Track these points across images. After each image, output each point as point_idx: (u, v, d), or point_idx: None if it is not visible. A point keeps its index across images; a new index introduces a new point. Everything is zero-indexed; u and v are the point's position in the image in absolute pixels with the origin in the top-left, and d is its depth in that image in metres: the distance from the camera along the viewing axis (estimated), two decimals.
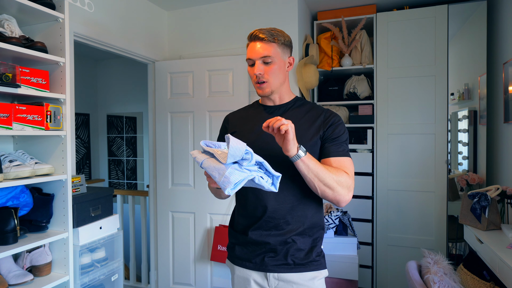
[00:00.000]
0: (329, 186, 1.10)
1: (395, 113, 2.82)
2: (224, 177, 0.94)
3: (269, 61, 1.22)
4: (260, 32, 1.22)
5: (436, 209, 2.71)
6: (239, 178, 0.94)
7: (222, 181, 0.95)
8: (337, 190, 1.11)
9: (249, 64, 1.26)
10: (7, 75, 1.40)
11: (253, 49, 1.23)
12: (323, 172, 1.09)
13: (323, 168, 1.10)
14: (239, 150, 0.93)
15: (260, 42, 1.22)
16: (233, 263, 1.30)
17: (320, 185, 1.10)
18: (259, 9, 2.77)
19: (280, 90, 1.29)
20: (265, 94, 1.27)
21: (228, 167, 0.95)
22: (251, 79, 1.29)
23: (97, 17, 2.34)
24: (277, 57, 1.24)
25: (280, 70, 1.26)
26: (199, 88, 2.78)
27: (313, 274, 1.21)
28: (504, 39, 2.46)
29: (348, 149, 1.25)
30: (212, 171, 0.98)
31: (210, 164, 1.00)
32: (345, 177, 1.13)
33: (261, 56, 1.21)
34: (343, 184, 1.12)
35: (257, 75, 1.23)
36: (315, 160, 1.10)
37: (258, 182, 0.97)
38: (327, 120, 1.24)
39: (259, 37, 1.22)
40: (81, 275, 1.82)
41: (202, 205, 2.77)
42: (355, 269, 2.38)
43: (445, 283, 1.78)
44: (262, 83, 1.24)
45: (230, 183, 0.93)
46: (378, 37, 2.86)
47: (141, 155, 4.66)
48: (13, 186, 1.54)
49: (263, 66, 1.23)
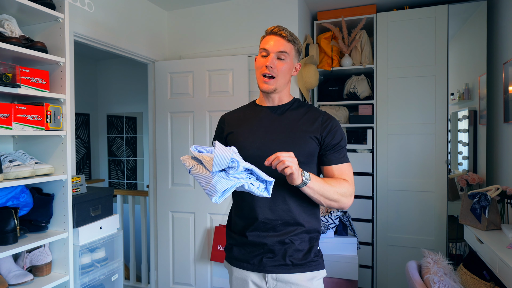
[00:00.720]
0: (334, 200, 1.16)
1: (395, 113, 2.82)
2: (210, 185, 0.93)
3: (283, 58, 1.23)
4: (282, 30, 1.24)
5: (436, 209, 2.71)
6: (225, 186, 0.92)
7: (209, 190, 0.93)
8: (341, 201, 1.17)
9: (261, 54, 1.26)
10: (7, 75, 1.40)
11: (272, 42, 1.23)
12: (327, 190, 1.13)
13: (326, 185, 1.13)
14: (224, 158, 0.91)
15: (280, 38, 1.23)
16: (231, 264, 1.30)
17: (326, 201, 1.16)
18: (259, 9, 2.77)
19: (282, 91, 1.29)
20: (269, 90, 1.26)
21: (215, 175, 0.93)
22: (257, 72, 1.27)
23: (97, 17, 2.34)
24: (290, 58, 1.25)
25: (289, 71, 1.27)
26: (199, 88, 2.78)
27: (311, 274, 1.21)
28: (504, 39, 2.46)
29: (347, 152, 1.28)
30: (200, 179, 0.97)
31: (197, 172, 0.98)
32: (346, 187, 1.18)
33: (279, 50, 1.22)
34: (346, 194, 1.18)
35: (268, 67, 1.22)
36: (318, 180, 1.12)
37: (248, 189, 0.96)
38: (325, 124, 1.24)
39: (280, 34, 1.23)
40: (81, 275, 1.82)
41: (202, 205, 2.77)
42: (355, 269, 2.37)
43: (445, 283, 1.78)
44: (270, 78, 1.24)
45: (216, 192, 0.92)
46: (378, 37, 2.86)
47: (141, 155, 4.66)
48: (13, 186, 1.54)
49: (277, 61, 1.23)
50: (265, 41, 1.25)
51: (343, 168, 1.23)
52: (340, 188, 1.16)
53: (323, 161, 1.24)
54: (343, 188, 1.17)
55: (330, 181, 1.16)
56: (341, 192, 1.16)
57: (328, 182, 1.15)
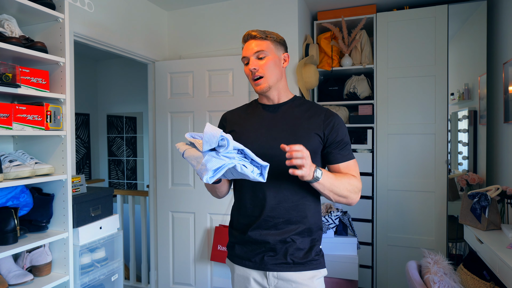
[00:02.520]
0: (343, 196, 1.17)
1: (395, 113, 2.82)
2: (201, 164, 0.93)
3: (262, 56, 1.24)
4: (253, 31, 1.26)
5: (436, 209, 2.71)
6: (216, 165, 0.92)
7: (200, 169, 0.93)
8: (350, 197, 1.19)
9: (244, 63, 1.28)
10: (7, 75, 1.40)
11: (247, 48, 1.25)
12: (337, 186, 1.14)
13: (336, 181, 1.14)
14: (214, 136, 0.91)
15: (253, 40, 1.25)
16: (233, 262, 1.30)
17: (335, 197, 1.17)
18: (259, 9, 2.77)
19: (278, 87, 1.29)
20: (262, 90, 1.26)
21: (205, 154, 0.93)
22: (248, 79, 1.31)
23: (97, 17, 2.34)
24: (271, 52, 1.25)
25: (276, 65, 1.26)
26: (199, 88, 2.78)
27: (312, 273, 1.21)
28: (504, 39, 2.46)
29: (351, 148, 1.29)
30: (192, 160, 0.97)
31: (190, 154, 0.99)
32: (355, 183, 1.20)
33: (254, 52, 1.24)
34: (355, 189, 1.19)
35: (252, 70, 1.24)
36: (329, 177, 1.12)
37: (241, 171, 0.95)
38: (328, 121, 1.24)
39: (251, 35, 1.25)
40: (81, 275, 1.82)
41: (202, 205, 2.77)
42: (355, 269, 2.37)
43: (445, 283, 1.78)
44: (259, 79, 1.25)
45: (207, 170, 0.91)
46: (378, 37, 2.86)
47: (141, 155, 4.66)
48: (13, 186, 1.54)
49: (257, 61, 1.24)
50: (243, 50, 1.27)
51: (350, 165, 1.24)
52: (349, 184, 1.17)
53: (329, 160, 1.24)
54: (352, 184, 1.18)
55: (340, 177, 1.17)
56: (350, 189, 1.17)
57: (338, 179, 1.16)
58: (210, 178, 0.92)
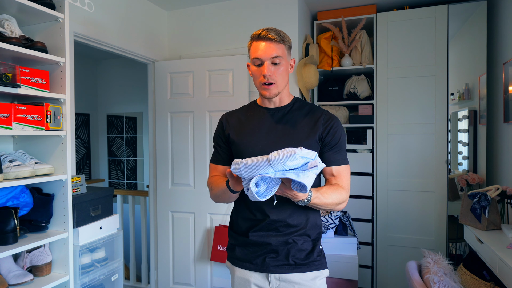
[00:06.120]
0: (331, 208, 1.20)
1: (395, 113, 2.82)
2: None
3: (277, 62, 1.20)
4: (269, 33, 1.19)
5: (436, 209, 2.71)
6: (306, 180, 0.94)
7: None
8: (336, 208, 1.22)
9: (255, 64, 1.22)
10: (7, 75, 1.40)
11: (262, 49, 1.19)
12: (326, 202, 1.15)
13: (324, 198, 1.14)
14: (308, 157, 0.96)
15: (270, 43, 1.19)
16: (233, 264, 1.30)
17: (324, 210, 1.21)
18: (259, 9, 2.77)
19: (283, 92, 1.28)
20: (271, 96, 1.24)
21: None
22: (255, 80, 1.25)
23: (97, 17, 2.34)
24: (285, 58, 1.22)
25: (286, 72, 1.25)
26: (199, 88, 2.78)
27: (314, 274, 1.21)
28: (504, 39, 2.46)
29: (346, 153, 1.29)
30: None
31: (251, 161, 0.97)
32: (343, 196, 1.20)
33: (272, 56, 1.19)
34: (342, 201, 1.20)
35: (266, 76, 1.20)
36: (318, 197, 1.11)
37: (252, 188, 0.95)
38: (327, 123, 1.24)
39: (268, 38, 1.18)
40: (81, 275, 1.82)
41: (202, 205, 2.77)
42: (355, 269, 2.38)
43: (445, 283, 1.78)
44: (270, 85, 1.21)
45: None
46: (378, 37, 2.86)
47: (141, 155, 4.66)
48: (13, 186, 1.54)
49: (273, 66, 1.20)
50: (255, 48, 1.21)
51: (341, 171, 1.23)
52: (337, 199, 1.18)
53: (323, 161, 1.23)
54: (339, 197, 1.19)
55: (328, 193, 1.15)
56: (337, 202, 1.18)
57: (326, 196, 1.14)
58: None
